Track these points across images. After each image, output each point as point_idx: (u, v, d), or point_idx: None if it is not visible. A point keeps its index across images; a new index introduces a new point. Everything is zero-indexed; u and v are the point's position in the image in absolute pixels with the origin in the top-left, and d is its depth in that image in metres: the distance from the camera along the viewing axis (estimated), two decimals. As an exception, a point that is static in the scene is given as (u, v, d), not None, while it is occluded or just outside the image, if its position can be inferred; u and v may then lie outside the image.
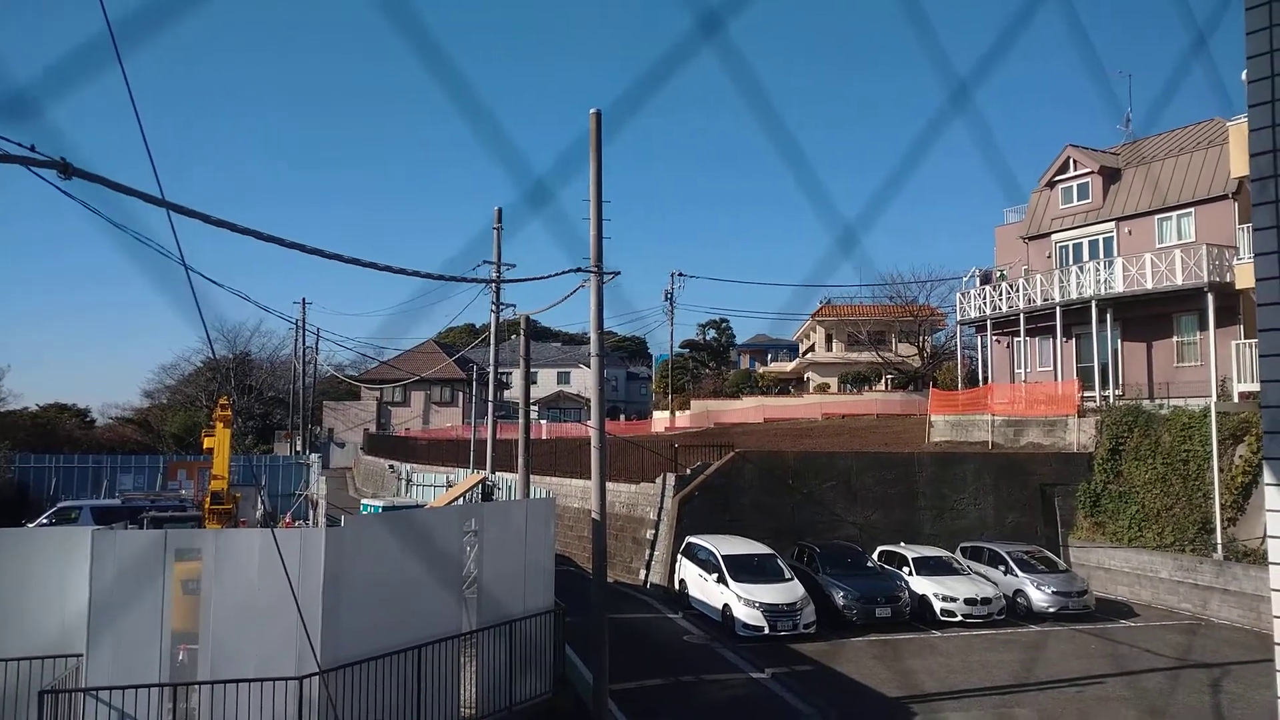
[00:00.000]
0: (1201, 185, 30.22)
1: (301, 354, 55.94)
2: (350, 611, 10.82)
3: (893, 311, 57.68)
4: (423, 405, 75.95)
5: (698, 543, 22.79)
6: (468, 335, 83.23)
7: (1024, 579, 22.85)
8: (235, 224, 7.56)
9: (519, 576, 13.97)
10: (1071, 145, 35.10)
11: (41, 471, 35.65)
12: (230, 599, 10.40)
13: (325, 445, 69.82)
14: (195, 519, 20.77)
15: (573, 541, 29.54)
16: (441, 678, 11.95)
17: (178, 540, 10.73)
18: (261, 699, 10.07)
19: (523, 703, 13.51)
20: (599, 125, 14.65)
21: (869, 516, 26.75)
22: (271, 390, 75.35)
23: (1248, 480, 23.42)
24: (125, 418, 74.87)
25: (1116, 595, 25.04)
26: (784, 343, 77.62)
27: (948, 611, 21.35)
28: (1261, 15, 4.30)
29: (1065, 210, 35.15)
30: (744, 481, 26.39)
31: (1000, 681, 16.82)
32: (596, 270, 14.58)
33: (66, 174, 6.08)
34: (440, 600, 12.30)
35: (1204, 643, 20.16)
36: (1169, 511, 24.96)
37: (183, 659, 10.72)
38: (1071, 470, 28.03)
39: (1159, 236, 31.48)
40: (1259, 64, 4.30)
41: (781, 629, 19.56)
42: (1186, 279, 28.14)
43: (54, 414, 65.99)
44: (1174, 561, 24.06)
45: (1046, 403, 31.11)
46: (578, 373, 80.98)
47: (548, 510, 15.35)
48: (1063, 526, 27.58)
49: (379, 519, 15.83)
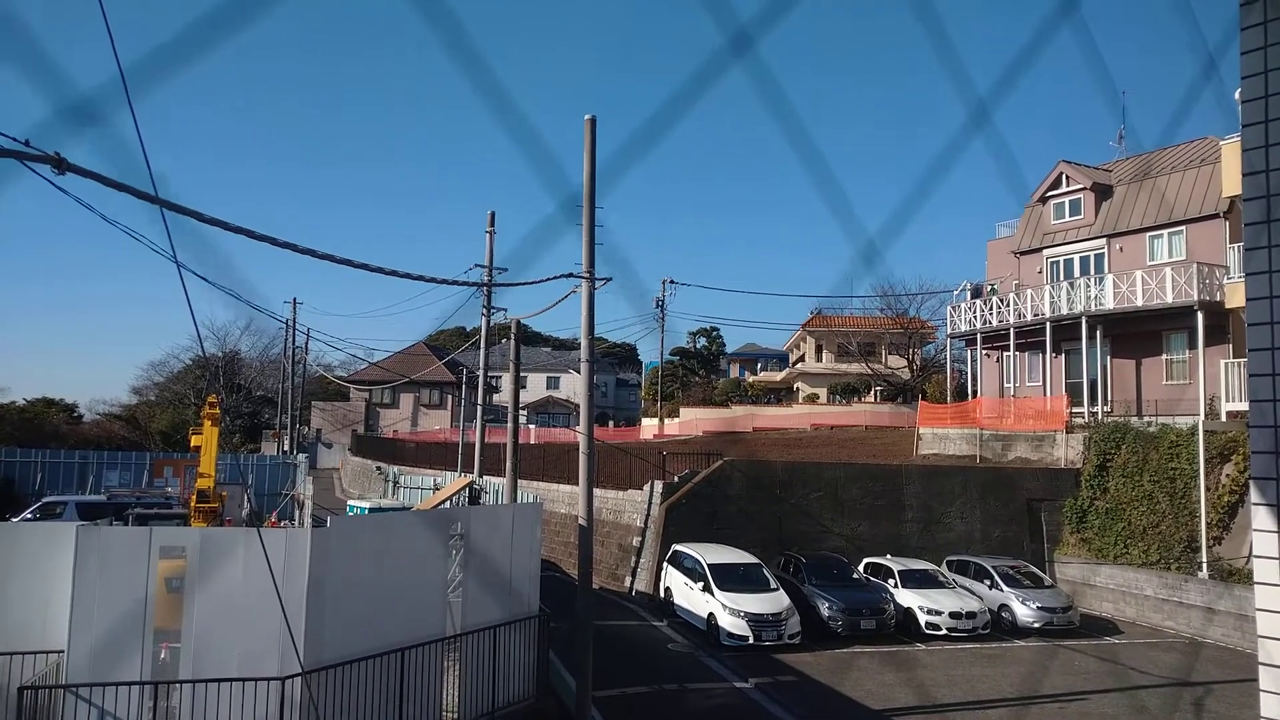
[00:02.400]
0: (1194, 203, 30.39)
1: (291, 353, 55.82)
2: (334, 613, 10.77)
3: (883, 323, 57.81)
4: (412, 407, 75.82)
5: (684, 551, 22.76)
6: (458, 338, 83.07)
7: (1009, 594, 22.89)
8: (228, 223, 7.52)
9: (504, 581, 13.92)
10: (1064, 161, 35.26)
11: (27, 466, 35.50)
12: (214, 598, 10.34)
13: (313, 445, 69.58)
14: (181, 517, 20.69)
15: (559, 547, 29.47)
16: (424, 681, 11.90)
17: (162, 538, 10.67)
18: (244, 699, 10.00)
19: (505, 707, 13.45)
20: (593, 131, 14.65)
21: (856, 528, 26.77)
22: (260, 389, 75.16)
23: (1234, 499, 23.52)
24: (113, 414, 74.62)
25: (1101, 612, 25.10)
26: (774, 352, 77.68)
27: (932, 625, 21.36)
28: (1256, 35, 4.32)
29: (1057, 226, 35.30)
30: (731, 490, 26.39)
31: (983, 696, 16.83)
32: (588, 276, 14.57)
33: (61, 169, 6.05)
34: (425, 603, 12.25)
35: (1188, 661, 20.21)
36: (1155, 529, 25.03)
37: (165, 657, 10.65)
38: (1059, 486, 28.10)
39: (1150, 254, 31.64)
40: (1253, 84, 4.32)
41: (766, 639, 19.53)
42: (1177, 297, 28.28)
43: (41, 409, 65.73)
44: (1159, 579, 24.13)
45: (1035, 418, 31.21)
46: (567, 378, 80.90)
47: (534, 515, 15.31)
48: (1049, 542, 27.65)
49: (365, 520, 15.76)
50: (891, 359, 57.49)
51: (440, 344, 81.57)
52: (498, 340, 37.72)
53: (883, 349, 58.62)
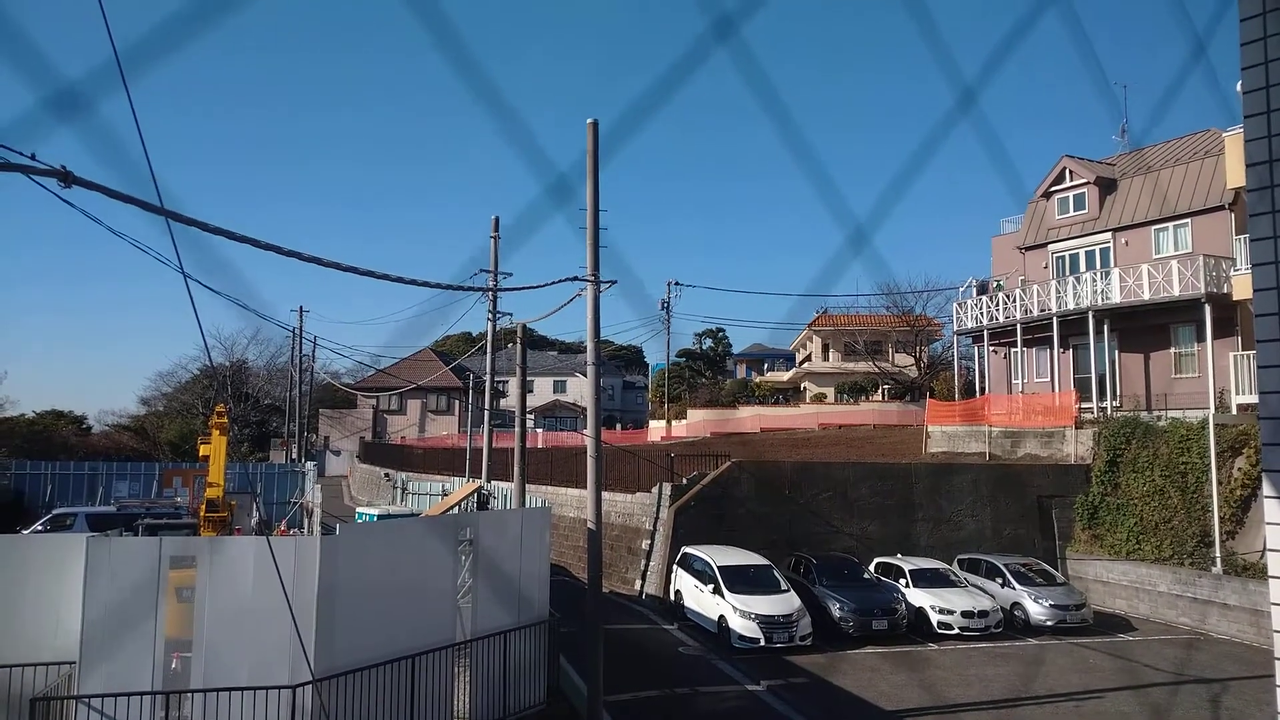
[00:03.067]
0: (1198, 196, 30.29)
1: (298, 362, 55.90)
2: (344, 620, 10.78)
3: (890, 321, 57.69)
4: (419, 413, 75.89)
5: (693, 553, 22.73)
6: (464, 343, 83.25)
7: (1021, 592, 22.81)
8: (233, 232, 7.54)
9: (514, 586, 13.92)
10: (1068, 156, 35.19)
11: (37, 478, 35.63)
12: (224, 607, 10.36)
13: (321, 453, 69.70)
14: (190, 526, 20.71)
15: (568, 551, 29.46)
16: (435, 687, 11.90)
17: (172, 548, 10.70)
18: (255, 707, 10.02)
19: (516, 713, 13.47)
20: (596, 135, 14.66)
21: (866, 527, 26.70)
22: (268, 398, 75.31)
23: (1247, 493, 23.39)
24: (121, 425, 74.80)
25: (1114, 609, 24.99)
26: (780, 352, 77.64)
27: (944, 624, 21.30)
28: (1256, 27, 4.30)
29: (1062, 221, 35.22)
30: (740, 492, 26.34)
31: (997, 695, 16.77)
32: (593, 279, 14.57)
33: (67, 183, 6.08)
34: (434, 609, 12.26)
35: (1203, 657, 20.11)
36: (1167, 524, 24.91)
37: (176, 667, 10.67)
38: (1069, 482, 28.00)
39: (1156, 247, 31.54)
40: (1254, 75, 4.30)
41: (777, 641, 19.48)
42: (1183, 290, 28.17)
43: (50, 421, 66.02)
44: (1172, 575, 24.01)
45: (1044, 414, 31.10)
46: (574, 381, 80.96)
47: (543, 519, 15.31)
48: (1060, 539, 27.54)
49: (374, 527, 15.79)
50: (898, 357, 57.38)
51: (446, 350, 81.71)
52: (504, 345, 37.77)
53: (889, 347, 58.51)
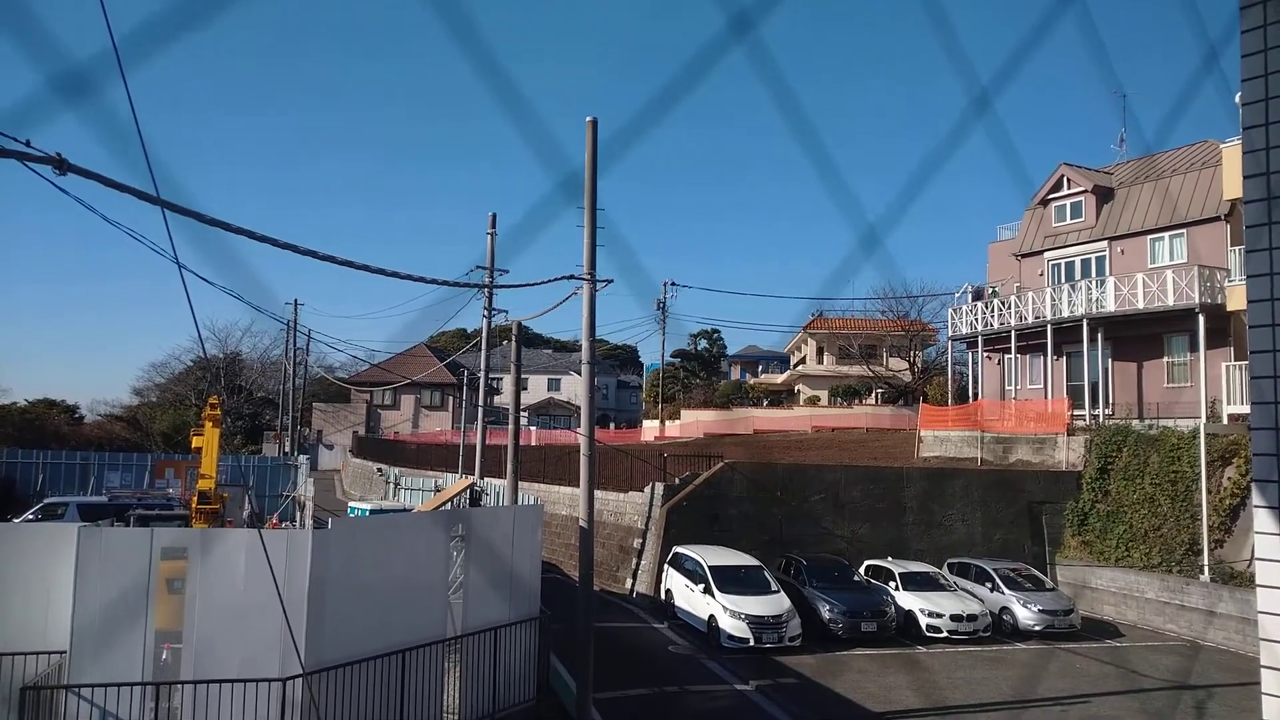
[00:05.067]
0: (1194, 206, 30.39)
1: (292, 355, 55.85)
2: (335, 614, 10.79)
3: (884, 326, 57.83)
4: (413, 409, 75.86)
5: (685, 553, 22.75)
6: (459, 340, 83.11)
7: (1010, 596, 22.87)
8: (229, 223, 7.53)
9: (505, 583, 13.93)
10: (1065, 164, 35.25)
11: (29, 467, 35.51)
12: (215, 599, 10.36)
13: (314, 447, 69.62)
14: (182, 518, 20.69)
15: (560, 549, 29.47)
16: (425, 682, 11.91)
17: (164, 539, 10.70)
18: (244, 700, 10.02)
19: (506, 709, 13.47)
20: (595, 133, 14.67)
21: (857, 530, 26.76)
22: (261, 391, 75.22)
23: (1236, 502, 23.50)
24: (114, 415, 74.66)
25: (1103, 615, 25.07)
26: (775, 354, 77.65)
27: (933, 627, 21.35)
28: (1256, 39, 4.33)
29: (1058, 228, 35.30)
30: (732, 492, 26.38)
31: (984, 699, 16.81)
32: (589, 278, 14.58)
33: (62, 170, 6.06)
34: (426, 605, 12.27)
35: (1190, 664, 20.18)
36: (1156, 532, 25.01)
37: (166, 658, 10.67)
38: (1060, 488, 28.09)
39: (1151, 257, 31.64)
40: (1254, 87, 4.33)
41: (767, 641, 19.52)
42: (1178, 300, 28.28)
43: (43, 410, 65.83)
44: (1161, 582, 24.10)
45: (1036, 420, 31.20)
46: (568, 380, 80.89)
47: (535, 517, 15.33)
48: (1050, 544, 27.63)
49: (366, 522, 15.79)
50: (893, 361, 57.50)
51: (441, 346, 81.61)
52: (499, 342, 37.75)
53: (884, 351, 58.63)
